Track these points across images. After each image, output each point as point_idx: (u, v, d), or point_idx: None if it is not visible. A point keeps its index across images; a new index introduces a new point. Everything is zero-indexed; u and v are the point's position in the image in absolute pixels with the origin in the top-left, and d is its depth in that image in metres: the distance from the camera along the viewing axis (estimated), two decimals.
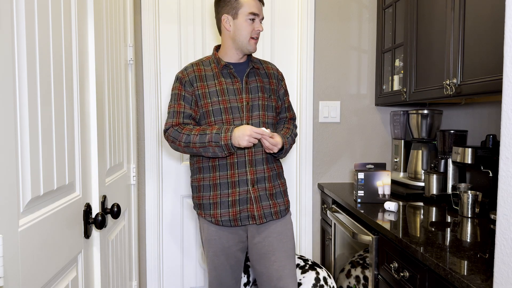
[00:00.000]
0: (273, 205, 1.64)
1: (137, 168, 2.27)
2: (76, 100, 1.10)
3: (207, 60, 1.67)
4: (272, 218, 1.63)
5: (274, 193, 1.65)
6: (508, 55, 0.77)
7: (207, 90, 1.60)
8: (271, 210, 1.63)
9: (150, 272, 2.40)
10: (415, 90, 1.96)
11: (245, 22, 1.58)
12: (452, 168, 1.94)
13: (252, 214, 1.60)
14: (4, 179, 0.72)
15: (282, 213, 1.65)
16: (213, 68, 1.64)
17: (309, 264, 1.95)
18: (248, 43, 1.60)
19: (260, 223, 1.61)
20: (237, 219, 1.60)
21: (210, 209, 1.62)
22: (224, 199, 1.60)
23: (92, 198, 1.24)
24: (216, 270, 1.68)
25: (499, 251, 0.80)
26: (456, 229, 1.45)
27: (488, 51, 1.42)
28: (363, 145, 2.53)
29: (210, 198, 1.61)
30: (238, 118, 1.59)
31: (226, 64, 1.62)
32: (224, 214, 1.60)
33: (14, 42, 0.77)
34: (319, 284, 1.83)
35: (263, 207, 1.61)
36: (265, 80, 1.70)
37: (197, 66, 1.64)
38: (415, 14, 1.96)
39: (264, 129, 1.49)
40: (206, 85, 1.60)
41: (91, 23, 1.23)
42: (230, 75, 1.63)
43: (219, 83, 1.61)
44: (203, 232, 1.68)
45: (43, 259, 0.88)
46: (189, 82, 1.60)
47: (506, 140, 0.78)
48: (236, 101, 1.61)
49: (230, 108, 1.59)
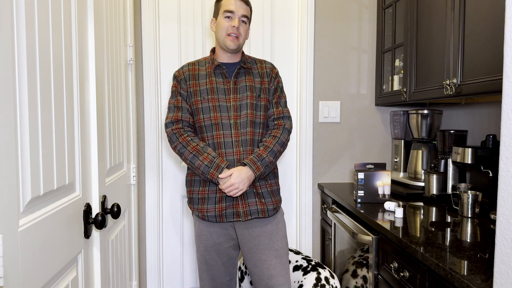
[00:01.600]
0: (260, 203, 1.64)
1: (137, 168, 2.27)
2: (76, 100, 1.10)
3: (203, 60, 1.74)
4: (258, 216, 1.63)
5: (261, 192, 1.65)
6: (508, 55, 0.77)
7: (198, 88, 1.66)
8: (257, 208, 1.63)
9: (150, 272, 2.40)
10: (415, 90, 1.96)
11: (222, 20, 1.64)
12: (452, 168, 1.94)
13: (237, 210, 1.62)
14: (4, 179, 0.72)
15: (269, 212, 1.65)
16: (206, 68, 1.69)
17: (312, 264, 1.95)
18: (224, 40, 1.64)
19: (245, 219, 1.62)
20: (222, 215, 1.62)
21: (198, 204, 1.66)
22: (212, 195, 1.63)
23: (92, 198, 1.24)
24: (207, 264, 1.70)
25: (499, 251, 0.80)
26: (456, 229, 1.45)
27: (488, 51, 1.42)
28: (363, 145, 2.53)
29: (199, 193, 1.66)
30: (226, 117, 1.63)
31: (219, 64, 1.67)
32: (210, 209, 1.63)
33: (14, 42, 0.77)
34: (320, 283, 1.83)
35: (249, 204, 1.63)
36: (256, 80, 1.70)
37: (193, 66, 1.71)
38: (415, 14, 1.96)
39: (226, 180, 1.56)
40: (198, 83, 1.67)
41: (91, 23, 1.23)
42: (222, 75, 1.67)
43: (209, 82, 1.66)
44: (195, 228, 1.73)
45: (43, 259, 0.88)
46: (184, 80, 1.68)
47: (506, 140, 0.78)
48: (225, 101, 1.64)
49: (218, 107, 1.63)
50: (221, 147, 1.61)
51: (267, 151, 1.61)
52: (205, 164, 1.56)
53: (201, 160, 1.57)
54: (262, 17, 2.44)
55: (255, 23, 2.44)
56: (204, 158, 1.57)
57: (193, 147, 1.59)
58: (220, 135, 1.62)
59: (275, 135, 1.66)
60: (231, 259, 1.72)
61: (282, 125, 1.69)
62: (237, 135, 1.62)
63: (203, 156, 1.57)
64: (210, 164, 1.56)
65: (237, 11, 1.62)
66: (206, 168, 1.56)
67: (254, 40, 2.44)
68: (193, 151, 1.59)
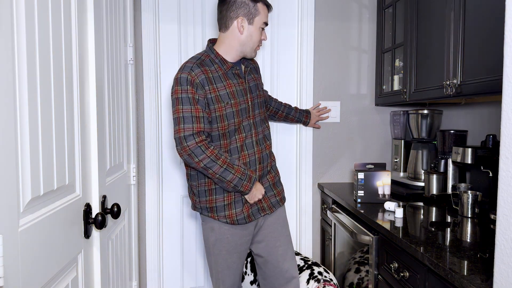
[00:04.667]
0: (277, 193, 1.74)
1: (137, 168, 2.27)
2: (76, 100, 1.10)
3: (207, 58, 1.58)
4: (279, 205, 1.74)
5: (276, 182, 1.75)
6: (508, 55, 0.77)
7: (218, 93, 1.53)
8: (276, 199, 1.73)
9: (150, 272, 2.40)
10: (415, 90, 1.96)
11: (257, 30, 1.58)
12: (452, 168, 1.94)
13: (261, 206, 1.67)
14: (4, 179, 0.72)
15: (283, 199, 1.77)
16: (217, 69, 1.56)
17: (308, 264, 1.96)
18: (253, 51, 1.62)
19: (271, 212, 1.70)
20: (250, 215, 1.64)
21: (224, 211, 1.61)
22: (238, 198, 1.62)
23: (92, 198, 1.24)
24: (230, 269, 1.67)
25: (499, 251, 0.80)
26: (456, 229, 1.45)
27: (488, 51, 1.42)
28: (363, 145, 2.53)
29: (224, 200, 1.61)
30: (245, 119, 1.61)
31: (233, 65, 1.60)
32: (239, 213, 1.62)
33: (14, 42, 0.77)
34: (314, 275, 1.86)
35: (269, 198, 1.70)
36: (257, 76, 1.74)
37: (203, 67, 1.53)
38: (415, 14, 1.96)
39: None
40: (216, 87, 1.53)
41: (91, 23, 1.23)
42: (235, 76, 1.61)
43: (228, 85, 1.56)
44: (213, 232, 1.64)
45: (43, 259, 0.88)
46: (200, 84, 1.50)
47: (506, 140, 0.78)
48: (245, 102, 1.61)
49: (240, 110, 1.59)
50: (244, 149, 1.61)
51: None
52: (239, 177, 1.53)
53: (233, 174, 1.52)
54: None
55: None
56: (236, 171, 1.53)
57: (223, 160, 1.51)
58: (243, 137, 1.60)
59: (284, 103, 2.16)
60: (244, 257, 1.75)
61: None
62: (256, 135, 1.65)
63: (234, 169, 1.53)
64: (243, 177, 1.54)
65: None
66: (240, 181, 1.54)
67: None
68: (223, 164, 1.50)
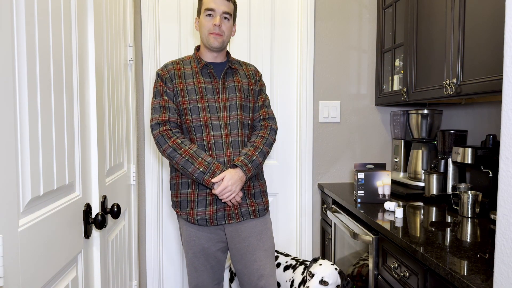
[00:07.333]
0: (251, 205, 1.63)
1: (137, 168, 2.27)
2: (76, 100, 1.10)
3: (187, 59, 1.68)
4: (249, 217, 1.63)
5: (253, 193, 1.65)
6: (508, 55, 0.77)
7: (185, 88, 1.60)
8: (248, 209, 1.62)
9: (150, 272, 2.40)
10: (415, 90, 1.96)
11: (204, 18, 1.62)
12: (452, 168, 1.94)
13: (228, 213, 1.60)
14: (4, 179, 0.72)
15: (260, 212, 1.65)
16: (193, 67, 1.65)
17: (300, 261, 1.95)
18: (208, 38, 1.62)
19: (237, 221, 1.61)
20: (213, 219, 1.59)
21: (187, 207, 1.61)
22: (202, 197, 1.59)
23: (92, 198, 1.24)
24: (196, 271, 1.66)
25: (499, 251, 0.80)
26: (456, 229, 1.45)
27: (488, 51, 1.42)
28: (363, 145, 2.53)
29: (188, 196, 1.61)
30: (216, 118, 1.59)
31: (207, 64, 1.63)
32: (200, 212, 1.59)
33: (14, 42, 0.77)
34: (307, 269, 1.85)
35: (240, 206, 1.61)
36: (243, 80, 1.69)
37: (177, 65, 1.65)
38: (415, 14, 1.96)
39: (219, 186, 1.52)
40: (184, 82, 1.61)
41: (91, 23, 1.23)
42: (210, 75, 1.64)
43: (197, 82, 1.62)
44: (182, 232, 1.67)
45: (43, 259, 0.88)
46: (169, 78, 1.61)
47: (506, 140, 0.78)
48: (214, 101, 1.61)
49: (208, 107, 1.59)
50: (212, 149, 1.58)
51: (256, 152, 1.60)
52: (200, 170, 1.51)
53: (195, 166, 1.51)
54: (262, 17, 2.44)
55: (255, 23, 2.44)
56: (198, 163, 1.51)
57: (185, 151, 1.53)
58: (210, 136, 1.58)
59: (263, 135, 1.65)
60: (220, 262, 1.69)
61: (269, 126, 1.69)
62: (227, 136, 1.59)
63: (197, 161, 1.51)
64: (205, 171, 1.51)
65: (218, 8, 1.59)
66: (201, 175, 1.51)
67: (254, 40, 2.44)
68: (185, 155, 1.52)
